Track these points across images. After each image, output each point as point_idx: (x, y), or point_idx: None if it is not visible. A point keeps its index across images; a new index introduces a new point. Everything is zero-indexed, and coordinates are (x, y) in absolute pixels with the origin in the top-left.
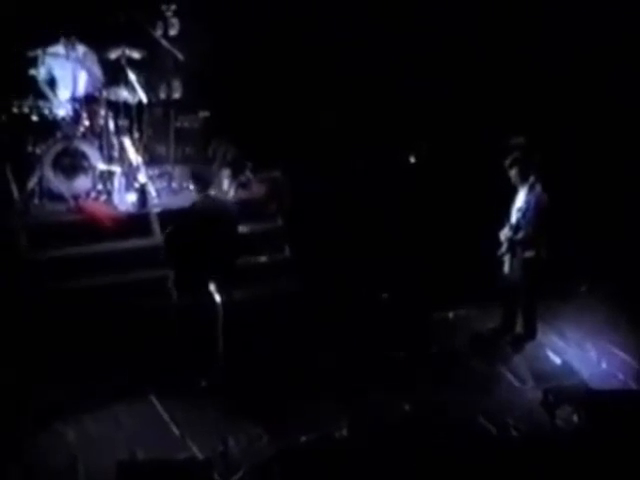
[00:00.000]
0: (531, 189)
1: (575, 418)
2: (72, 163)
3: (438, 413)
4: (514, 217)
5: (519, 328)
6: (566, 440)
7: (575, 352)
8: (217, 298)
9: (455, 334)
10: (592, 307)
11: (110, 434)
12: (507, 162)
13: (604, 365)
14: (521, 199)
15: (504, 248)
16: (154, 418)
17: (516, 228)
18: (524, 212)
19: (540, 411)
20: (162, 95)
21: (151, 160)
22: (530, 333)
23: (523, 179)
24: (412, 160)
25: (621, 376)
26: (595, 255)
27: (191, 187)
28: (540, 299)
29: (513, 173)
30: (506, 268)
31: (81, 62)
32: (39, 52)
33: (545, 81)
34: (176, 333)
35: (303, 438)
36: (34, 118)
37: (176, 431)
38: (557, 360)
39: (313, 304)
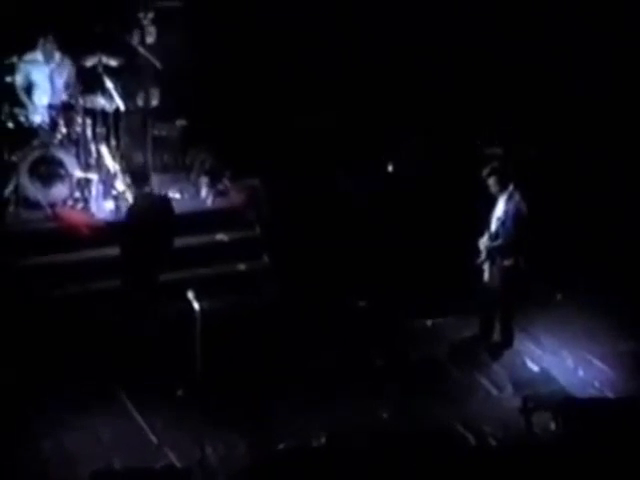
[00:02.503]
0: (510, 198)
1: (552, 425)
2: (49, 171)
3: (416, 422)
4: (493, 226)
5: (496, 336)
6: (543, 447)
7: (552, 360)
8: (195, 306)
9: (433, 342)
10: (568, 316)
11: (87, 444)
12: (485, 172)
13: (580, 373)
14: (500, 208)
15: (483, 256)
16: (132, 427)
17: (495, 237)
18: (503, 221)
19: (518, 419)
20: (139, 103)
21: (128, 168)
22: (507, 341)
23: (502, 188)
24: (390, 169)
25: (597, 384)
26: (571, 264)
27: (171, 194)
28: (517, 307)
29: (491, 182)
30: (485, 276)
31: (58, 68)
32: (15, 59)
33: (520, 91)
34: (154, 342)
35: (281, 446)
36: (10, 125)
37: (154, 440)
38: (534, 368)
39: (291, 312)
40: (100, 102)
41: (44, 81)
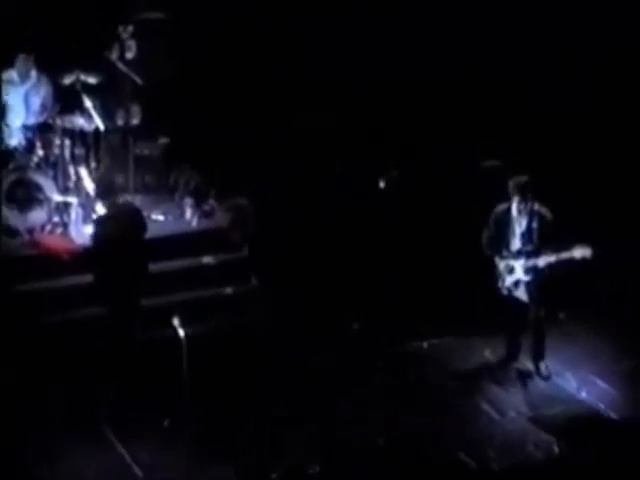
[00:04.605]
0: (532, 211)
1: (556, 449)
2: (26, 195)
3: (413, 447)
4: (518, 243)
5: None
6: (546, 472)
7: (555, 381)
8: (181, 332)
9: (430, 365)
10: (571, 335)
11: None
12: (512, 186)
13: (584, 395)
14: (523, 224)
15: (516, 276)
16: (116, 460)
17: (529, 253)
18: (540, 234)
19: (521, 443)
20: (120, 121)
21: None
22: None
23: (526, 204)
24: (382, 186)
25: (602, 406)
26: (574, 282)
27: (155, 216)
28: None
29: (517, 198)
30: (521, 295)
31: (34, 88)
32: None
33: (515, 104)
34: (139, 370)
35: (274, 475)
36: None
37: (139, 473)
38: (536, 390)
39: (281, 337)
40: (79, 122)
41: (19, 102)
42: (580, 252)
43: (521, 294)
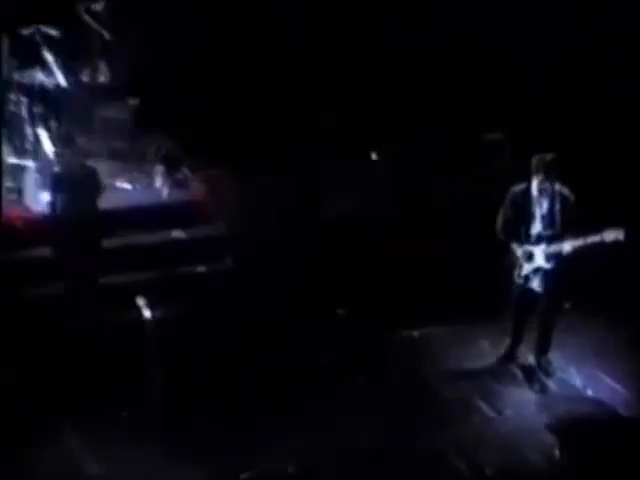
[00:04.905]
0: (554, 191)
1: (557, 454)
2: None
3: (401, 448)
4: (538, 226)
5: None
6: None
7: (558, 378)
8: (146, 314)
9: (421, 356)
10: (576, 328)
11: (21, 474)
12: (535, 165)
13: (590, 392)
14: (544, 206)
15: (535, 264)
16: (69, 454)
17: (554, 237)
18: (563, 218)
19: (518, 445)
20: (85, 79)
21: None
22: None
23: (550, 183)
24: (374, 157)
25: (609, 404)
26: (580, 270)
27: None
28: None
29: (540, 178)
30: (537, 284)
31: None
32: None
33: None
34: (97, 355)
35: (245, 475)
36: None
37: (95, 470)
38: (537, 387)
39: (257, 322)
40: (38, 77)
41: None
42: (612, 235)
43: (536, 284)
